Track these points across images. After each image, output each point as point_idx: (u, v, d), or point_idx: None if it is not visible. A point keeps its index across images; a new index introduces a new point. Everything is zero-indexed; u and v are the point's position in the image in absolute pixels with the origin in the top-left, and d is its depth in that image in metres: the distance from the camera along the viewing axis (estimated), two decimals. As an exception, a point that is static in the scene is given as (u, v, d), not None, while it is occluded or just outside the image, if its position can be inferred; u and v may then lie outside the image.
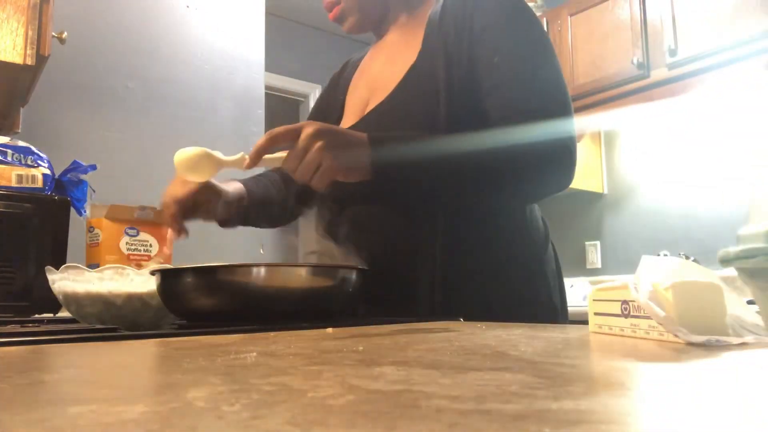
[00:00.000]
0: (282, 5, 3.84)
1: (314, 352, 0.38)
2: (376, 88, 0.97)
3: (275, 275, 0.67)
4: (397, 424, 0.17)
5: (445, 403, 0.20)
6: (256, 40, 2.39)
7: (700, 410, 0.20)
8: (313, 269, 0.70)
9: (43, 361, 0.35)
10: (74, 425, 0.18)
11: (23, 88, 1.50)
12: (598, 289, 0.52)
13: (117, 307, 0.68)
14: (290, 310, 0.68)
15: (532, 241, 0.92)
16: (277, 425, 0.17)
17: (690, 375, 0.28)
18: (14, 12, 1.30)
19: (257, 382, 0.25)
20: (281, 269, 0.69)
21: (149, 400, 0.22)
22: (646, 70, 2.51)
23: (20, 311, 1.05)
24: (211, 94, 2.23)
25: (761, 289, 0.33)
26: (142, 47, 2.10)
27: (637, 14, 2.55)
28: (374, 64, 1.03)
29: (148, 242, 1.19)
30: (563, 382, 0.25)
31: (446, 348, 0.40)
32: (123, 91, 2.04)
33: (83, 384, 0.26)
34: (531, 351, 0.37)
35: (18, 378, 0.28)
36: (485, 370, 0.29)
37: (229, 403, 0.21)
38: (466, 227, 0.87)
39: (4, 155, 1.18)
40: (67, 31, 1.57)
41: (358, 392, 0.23)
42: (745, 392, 0.24)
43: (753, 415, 0.19)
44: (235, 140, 2.26)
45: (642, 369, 0.30)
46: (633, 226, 2.85)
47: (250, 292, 0.66)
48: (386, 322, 0.69)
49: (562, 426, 0.17)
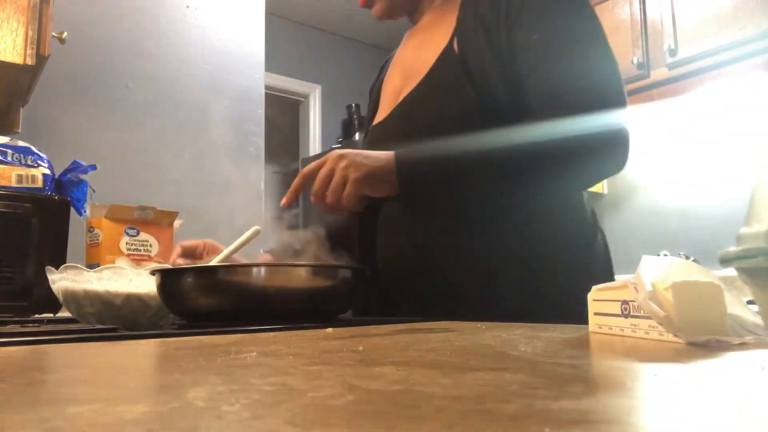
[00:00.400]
0: (282, 5, 3.84)
1: (314, 352, 0.38)
2: (408, 75, 0.93)
3: (275, 275, 0.67)
4: (397, 424, 0.17)
5: (445, 403, 0.20)
6: (256, 40, 2.39)
7: (700, 410, 0.20)
8: (313, 269, 0.70)
9: (43, 361, 0.35)
10: (74, 425, 0.18)
11: (23, 88, 1.50)
12: (598, 288, 0.52)
13: (116, 307, 0.68)
14: (290, 310, 0.68)
15: (580, 233, 0.87)
16: (277, 425, 0.17)
17: (690, 375, 0.28)
18: (14, 12, 1.30)
19: (257, 382, 0.25)
20: (281, 269, 0.69)
21: (149, 400, 0.22)
22: (646, 70, 2.51)
23: (20, 311, 1.05)
24: (211, 94, 2.23)
25: (761, 289, 0.33)
26: (142, 47, 2.10)
27: (637, 14, 2.55)
28: (407, 51, 1.00)
29: (148, 242, 1.19)
30: (563, 382, 0.25)
31: (446, 348, 0.40)
32: (123, 91, 2.04)
33: (83, 384, 0.26)
34: (531, 351, 0.37)
35: (18, 378, 0.28)
36: (485, 370, 0.29)
37: (229, 403, 0.21)
38: (508, 224, 0.83)
39: (4, 155, 1.18)
40: (67, 31, 1.57)
41: (358, 392, 0.23)
42: (745, 392, 0.24)
43: (753, 415, 0.19)
44: (235, 140, 2.26)
45: (642, 369, 0.30)
46: (633, 226, 2.85)
47: (250, 292, 0.66)
48: (386, 322, 0.69)
49: (562, 426, 0.17)
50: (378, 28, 4.23)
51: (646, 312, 0.42)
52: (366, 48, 4.51)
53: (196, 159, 2.14)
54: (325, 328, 0.59)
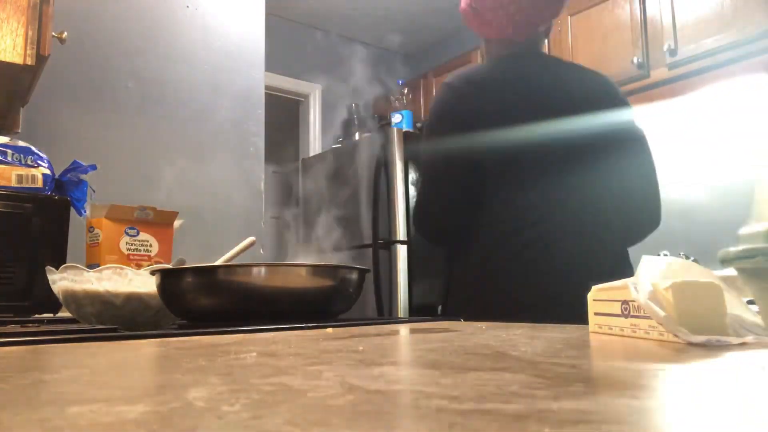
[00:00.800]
0: (282, 5, 3.84)
1: (314, 352, 0.38)
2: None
3: (275, 275, 0.67)
4: (397, 424, 0.17)
5: (445, 403, 0.20)
6: (256, 40, 2.39)
7: (701, 410, 0.20)
8: (313, 269, 0.70)
9: (43, 361, 0.35)
10: (74, 425, 0.18)
11: (23, 88, 1.50)
12: (598, 288, 0.52)
13: (116, 307, 0.68)
14: (290, 310, 0.68)
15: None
16: (277, 425, 0.17)
17: (690, 375, 0.28)
18: (14, 12, 1.30)
19: (257, 382, 0.25)
20: (281, 269, 0.69)
21: (149, 400, 0.22)
22: (646, 70, 2.51)
23: (20, 311, 1.05)
24: (211, 94, 2.23)
25: (761, 289, 0.33)
26: (142, 47, 2.10)
27: (637, 14, 2.55)
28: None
29: (148, 242, 1.19)
30: (563, 382, 0.25)
31: (446, 348, 0.40)
32: (123, 91, 2.04)
33: (83, 384, 0.26)
34: (531, 351, 0.37)
35: (18, 378, 0.28)
36: (485, 370, 0.29)
37: (229, 403, 0.21)
38: None
39: (4, 155, 1.18)
40: (67, 31, 1.57)
41: (358, 392, 0.23)
42: (745, 392, 0.24)
43: (753, 415, 0.19)
44: (235, 140, 2.27)
45: (642, 369, 0.30)
46: (633, 226, 2.84)
47: (250, 292, 0.66)
48: (387, 322, 0.69)
49: (562, 426, 0.17)
50: (378, 28, 4.23)
51: (646, 312, 0.42)
52: (366, 48, 4.51)
53: (196, 159, 2.14)
54: (325, 328, 0.59)
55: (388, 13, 4.04)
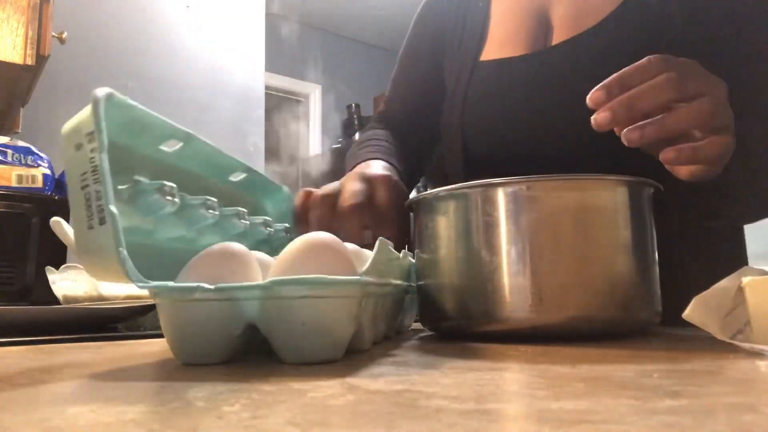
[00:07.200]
0: (282, 5, 3.84)
1: (314, 352, 0.38)
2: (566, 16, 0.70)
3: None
4: (397, 424, 0.17)
5: (445, 403, 0.20)
6: (256, 40, 2.39)
7: (700, 410, 0.20)
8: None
9: (43, 361, 0.35)
10: (74, 425, 0.18)
11: (23, 88, 1.50)
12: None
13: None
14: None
15: None
16: (277, 425, 0.17)
17: (690, 375, 0.28)
18: (14, 12, 1.30)
19: (257, 382, 0.25)
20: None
21: (149, 400, 0.22)
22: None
23: (20, 311, 1.05)
24: (211, 94, 2.23)
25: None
26: (142, 47, 2.10)
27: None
28: None
29: (148, 242, 1.19)
30: (563, 382, 0.25)
31: (446, 348, 0.40)
32: (123, 91, 2.01)
33: (83, 384, 0.26)
34: (531, 351, 0.37)
35: (18, 378, 0.28)
36: (485, 370, 0.29)
37: (229, 403, 0.21)
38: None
39: (4, 155, 1.18)
40: (67, 31, 1.57)
41: (358, 392, 0.23)
42: (745, 392, 0.24)
43: (753, 414, 0.19)
44: (235, 140, 2.27)
45: (642, 369, 0.30)
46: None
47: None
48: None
49: (562, 426, 0.17)
50: (378, 28, 4.23)
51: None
52: (366, 48, 4.51)
53: (196, 159, 2.14)
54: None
55: (388, 13, 4.04)
